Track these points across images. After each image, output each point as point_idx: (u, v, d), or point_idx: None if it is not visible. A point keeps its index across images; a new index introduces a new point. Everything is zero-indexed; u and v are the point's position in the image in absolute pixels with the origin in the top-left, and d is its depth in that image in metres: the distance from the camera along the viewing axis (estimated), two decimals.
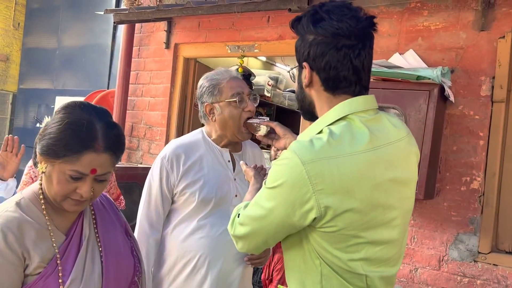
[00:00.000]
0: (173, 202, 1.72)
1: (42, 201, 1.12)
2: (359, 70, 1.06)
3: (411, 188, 1.13)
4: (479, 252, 2.32)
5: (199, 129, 1.81)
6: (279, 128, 1.46)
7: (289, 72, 1.23)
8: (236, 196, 1.70)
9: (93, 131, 1.07)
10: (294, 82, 1.19)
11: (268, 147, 3.16)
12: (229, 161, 1.74)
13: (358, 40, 1.05)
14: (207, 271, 1.63)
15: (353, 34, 1.04)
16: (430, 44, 2.53)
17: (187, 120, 3.65)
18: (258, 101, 1.74)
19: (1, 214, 1.06)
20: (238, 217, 1.14)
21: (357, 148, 1.01)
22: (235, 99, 1.67)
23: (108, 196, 1.34)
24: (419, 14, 2.57)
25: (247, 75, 3.94)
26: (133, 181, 3.24)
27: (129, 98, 3.80)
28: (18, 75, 6.55)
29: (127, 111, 3.81)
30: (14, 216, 1.06)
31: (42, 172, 1.10)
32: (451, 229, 2.40)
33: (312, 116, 1.16)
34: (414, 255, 2.49)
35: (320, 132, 1.06)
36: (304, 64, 1.09)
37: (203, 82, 1.75)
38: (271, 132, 1.50)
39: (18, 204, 1.10)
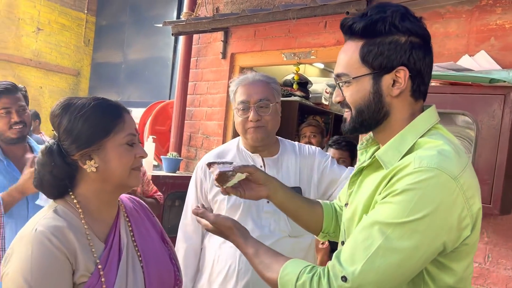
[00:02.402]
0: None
1: (78, 206, 1.08)
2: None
3: None
4: None
5: (238, 136, 1.82)
6: (259, 174, 1.23)
7: (338, 83, 1.06)
8: (268, 202, 1.64)
9: (113, 101, 1.12)
10: (344, 93, 1.04)
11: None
12: (261, 166, 1.69)
13: None
14: (236, 282, 1.61)
15: (430, 38, 1.02)
16: (505, 43, 2.30)
17: None
18: (268, 110, 1.66)
19: (40, 222, 1.02)
20: (345, 281, 0.87)
21: (465, 155, 0.97)
22: (238, 107, 1.67)
23: (141, 202, 1.30)
24: (492, 12, 2.35)
25: (304, 83, 3.86)
26: None
27: (187, 108, 3.86)
28: (88, 88, 6.96)
29: (185, 121, 3.87)
30: (55, 223, 1.02)
31: (92, 171, 1.05)
32: None
33: (368, 130, 1.06)
34: (489, 276, 2.26)
35: (414, 144, 0.97)
36: (402, 68, 0.97)
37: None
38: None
39: (55, 211, 1.06)
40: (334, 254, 0.96)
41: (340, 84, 1.04)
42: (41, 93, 6.53)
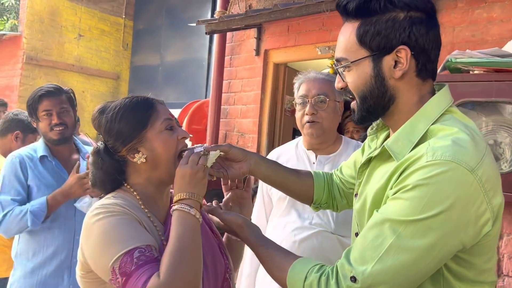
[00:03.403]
0: (270, 201, 1.84)
1: (135, 193, 1.12)
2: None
3: None
4: None
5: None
6: (235, 150, 1.19)
7: (337, 68, 1.00)
8: None
9: (142, 95, 1.17)
10: (346, 79, 0.98)
11: None
12: (314, 163, 1.71)
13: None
14: None
15: (435, 11, 0.93)
16: None
17: (277, 126, 3.60)
18: (324, 105, 1.66)
19: (102, 202, 1.06)
20: (354, 281, 0.84)
21: (483, 142, 0.88)
22: (297, 101, 1.70)
23: None
24: None
25: None
26: None
27: (222, 107, 3.88)
28: (127, 91, 7.14)
29: (221, 120, 3.89)
30: (116, 201, 1.06)
31: (142, 162, 1.10)
32: None
33: (376, 117, 1.00)
34: None
35: (426, 132, 0.89)
36: (403, 47, 0.90)
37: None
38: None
39: (115, 196, 1.10)
40: (344, 252, 0.91)
41: (341, 69, 0.98)
42: (84, 97, 6.77)
